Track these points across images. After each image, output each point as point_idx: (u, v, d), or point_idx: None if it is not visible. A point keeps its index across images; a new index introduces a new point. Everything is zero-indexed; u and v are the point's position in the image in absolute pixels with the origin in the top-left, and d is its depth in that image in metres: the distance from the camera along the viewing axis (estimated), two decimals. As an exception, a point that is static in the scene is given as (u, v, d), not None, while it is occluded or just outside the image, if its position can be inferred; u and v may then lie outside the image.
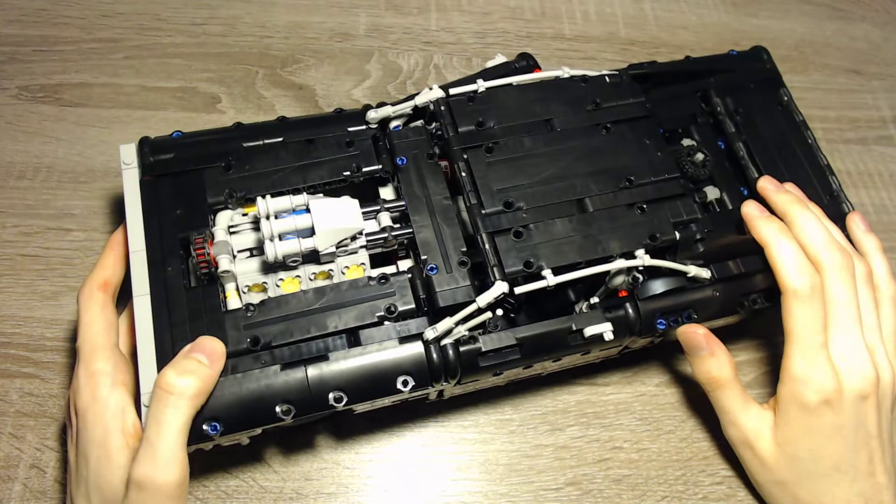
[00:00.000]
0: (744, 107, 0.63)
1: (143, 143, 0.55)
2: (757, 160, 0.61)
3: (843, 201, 0.60)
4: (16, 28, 0.74)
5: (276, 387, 0.47)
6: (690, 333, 0.54)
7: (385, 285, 0.51)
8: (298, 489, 0.56)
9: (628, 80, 0.59)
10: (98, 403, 0.46)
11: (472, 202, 0.52)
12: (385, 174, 0.56)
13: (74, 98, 0.71)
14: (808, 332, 0.50)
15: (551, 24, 0.83)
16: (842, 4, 0.88)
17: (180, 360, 0.46)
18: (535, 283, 0.49)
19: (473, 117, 0.56)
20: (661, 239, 0.52)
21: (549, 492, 0.58)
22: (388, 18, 0.81)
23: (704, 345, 0.54)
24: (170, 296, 0.49)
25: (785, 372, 0.52)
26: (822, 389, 0.50)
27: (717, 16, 0.85)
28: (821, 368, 0.50)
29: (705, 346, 0.54)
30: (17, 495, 0.54)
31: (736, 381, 0.55)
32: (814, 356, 0.50)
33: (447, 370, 0.49)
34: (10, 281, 0.62)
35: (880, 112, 0.81)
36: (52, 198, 0.66)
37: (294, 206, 0.52)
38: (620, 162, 0.55)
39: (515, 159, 0.54)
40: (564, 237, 0.52)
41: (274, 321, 0.49)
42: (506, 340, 0.50)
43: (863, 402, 0.51)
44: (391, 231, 0.53)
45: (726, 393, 0.55)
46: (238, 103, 0.73)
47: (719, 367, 0.54)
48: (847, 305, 0.51)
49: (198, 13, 0.78)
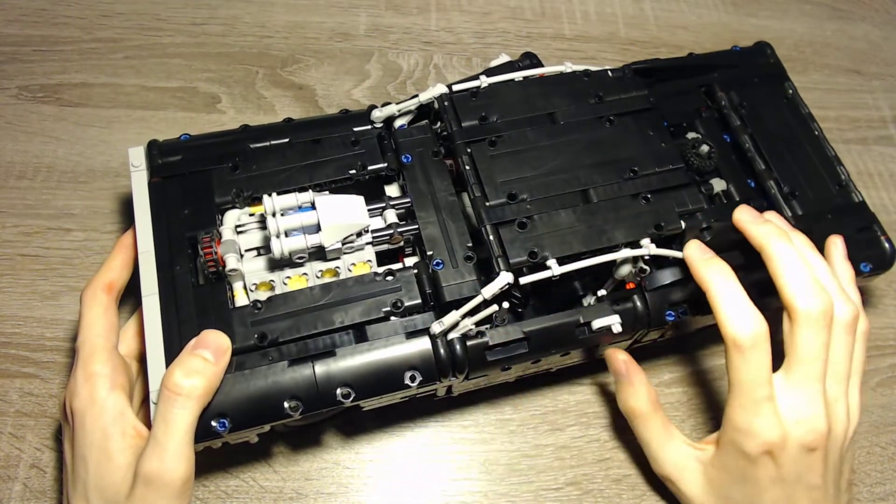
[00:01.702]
0: (748, 100, 0.63)
1: (151, 145, 0.56)
2: (763, 152, 0.61)
3: (853, 191, 0.60)
4: (16, 28, 0.74)
5: (284, 383, 0.47)
6: (613, 357, 0.54)
7: (391, 281, 0.51)
8: (298, 489, 0.56)
9: (631, 73, 0.60)
10: (96, 406, 0.46)
11: (476, 195, 0.53)
12: (390, 172, 0.56)
13: (74, 98, 0.71)
14: (751, 384, 0.47)
15: (551, 24, 0.83)
16: (842, 4, 0.89)
17: (186, 358, 0.46)
18: (540, 273, 0.49)
19: (477, 112, 0.56)
20: (666, 228, 0.52)
21: (549, 492, 0.57)
22: (388, 18, 0.81)
23: (624, 371, 0.53)
24: (178, 294, 0.49)
25: (727, 421, 0.48)
26: (764, 441, 0.47)
27: (717, 16, 0.86)
28: (764, 420, 0.47)
29: (624, 373, 0.53)
30: (17, 495, 0.54)
31: (655, 412, 0.53)
32: (756, 408, 0.47)
33: (454, 365, 0.49)
34: (10, 281, 0.62)
35: (880, 112, 0.81)
36: (52, 198, 0.66)
37: (300, 204, 0.52)
38: (624, 153, 0.55)
39: (519, 152, 0.54)
40: (569, 227, 0.51)
41: (281, 317, 0.49)
42: (513, 334, 0.50)
43: (808, 454, 0.47)
44: (397, 227, 0.53)
45: (645, 424, 0.53)
46: (238, 103, 0.73)
47: (637, 397, 0.53)
48: (812, 361, 0.47)
49: (198, 13, 0.78)
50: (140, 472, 0.43)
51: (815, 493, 0.48)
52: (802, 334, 0.47)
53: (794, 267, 0.48)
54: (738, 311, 0.47)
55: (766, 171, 0.60)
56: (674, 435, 0.53)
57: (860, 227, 0.59)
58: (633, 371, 0.53)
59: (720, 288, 0.48)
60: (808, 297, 0.47)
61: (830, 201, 0.59)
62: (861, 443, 0.62)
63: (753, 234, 0.51)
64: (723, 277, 0.49)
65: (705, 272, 0.49)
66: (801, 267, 0.48)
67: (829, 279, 0.50)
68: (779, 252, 0.49)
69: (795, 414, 0.47)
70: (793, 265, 0.48)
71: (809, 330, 0.47)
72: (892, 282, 0.69)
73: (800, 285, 0.48)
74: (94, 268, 0.57)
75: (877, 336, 0.67)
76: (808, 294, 0.47)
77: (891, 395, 0.64)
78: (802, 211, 0.58)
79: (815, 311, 0.47)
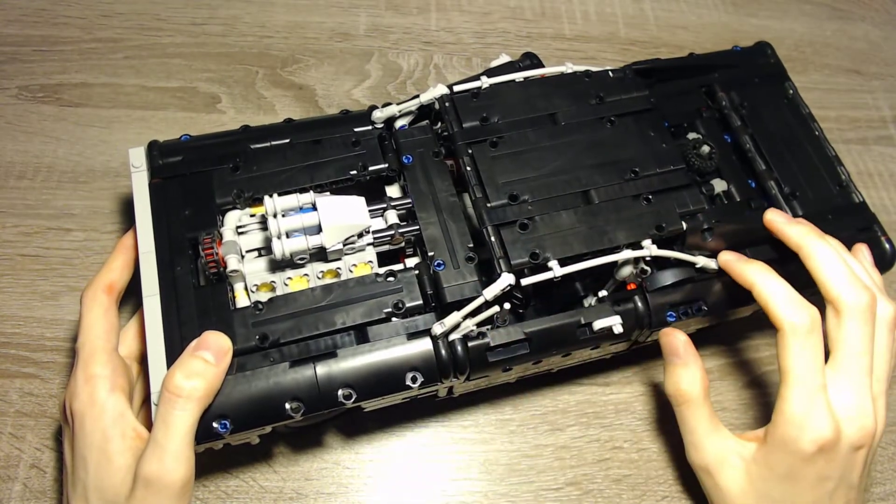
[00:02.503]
0: (749, 101, 0.63)
1: (151, 146, 0.55)
2: (764, 153, 0.61)
3: (853, 191, 0.60)
4: (16, 28, 0.74)
5: (285, 384, 0.47)
6: (671, 336, 0.52)
7: (392, 282, 0.51)
8: (298, 489, 0.56)
9: (631, 74, 0.60)
10: (96, 407, 0.46)
11: (477, 196, 0.52)
12: (391, 173, 0.56)
13: (74, 98, 0.71)
14: (808, 372, 0.47)
15: (551, 24, 0.83)
16: (842, 4, 0.89)
17: (187, 359, 0.46)
18: (542, 275, 0.49)
19: (478, 113, 0.56)
20: (667, 229, 0.52)
21: (549, 492, 0.57)
22: (388, 18, 0.81)
23: (681, 352, 0.52)
24: (179, 295, 0.49)
25: (780, 414, 0.47)
26: (818, 437, 0.46)
27: (717, 16, 0.86)
28: (820, 414, 0.46)
29: (681, 354, 0.52)
30: (17, 495, 0.54)
31: (705, 401, 0.52)
32: (813, 400, 0.46)
33: (456, 365, 0.49)
34: (10, 281, 0.62)
35: (880, 112, 0.81)
36: (52, 198, 0.66)
37: (301, 204, 0.52)
38: (625, 154, 0.55)
39: (520, 153, 0.54)
40: (570, 228, 0.51)
41: (282, 318, 0.49)
42: (514, 335, 0.50)
43: (855, 452, 0.47)
44: (398, 228, 0.52)
45: (693, 411, 0.52)
46: (238, 103, 0.73)
47: (690, 381, 0.51)
48: (861, 355, 0.47)
49: (198, 13, 0.78)
50: (140, 473, 0.43)
51: (852, 492, 0.49)
52: (851, 328, 0.48)
53: (835, 263, 0.49)
54: (791, 300, 0.48)
55: (766, 172, 0.60)
56: (719, 426, 0.52)
57: (860, 227, 0.59)
58: (689, 353, 0.52)
59: (767, 282, 0.49)
60: (855, 290, 0.48)
61: (831, 201, 0.59)
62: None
63: (790, 235, 0.51)
64: (766, 273, 0.50)
65: (748, 272, 0.50)
66: (841, 263, 0.49)
67: (867, 277, 0.51)
68: (818, 250, 0.50)
69: (846, 410, 0.47)
70: (834, 262, 0.49)
71: (857, 323, 0.47)
72: (892, 282, 0.69)
73: (844, 280, 0.48)
74: (94, 268, 0.57)
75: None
76: (853, 288, 0.48)
77: (891, 395, 0.64)
78: (803, 211, 0.58)
79: (862, 304, 0.48)
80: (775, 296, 0.48)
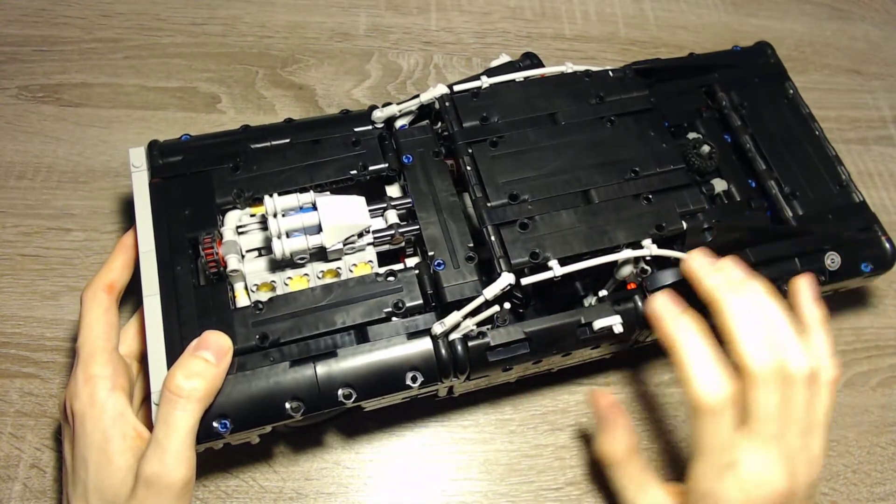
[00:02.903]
0: (749, 100, 0.64)
1: (152, 146, 0.55)
2: (764, 152, 0.61)
3: (853, 191, 0.60)
4: (16, 28, 0.74)
5: (286, 384, 0.47)
6: (595, 400, 0.52)
7: (392, 281, 0.51)
8: (298, 489, 0.56)
9: (632, 74, 0.60)
10: (96, 407, 0.46)
11: (477, 195, 0.53)
12: (391, 172, 0.56)
13: (74, 98, 0.71)
14: (715, 450, 0.45)
15: (551, 24, 0.83)
16: (842, 4, 0.89)
17: (187, 359, 0.46)
18: (542, 274, 0.49)
19: (478, 113, 0.56)
20: (667, 229, 0.52)
21: (549, 492, 0.57)
22: (388, 18, 0.81)
23: (604, 415, 0.51)
24: (179, 295, 0.49)
25: (691, 484, 0.47)
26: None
27: (717, 16, 0.86)
28: (727, 487, 0.45)
29: (605, 418, 0.51)
30: (17, 495, 0.54)
31: (632, 459, 0.51)
32: (720, 475, 0.45)
33: (456, 365, 0.49)
34: (10, 281, 0.62)
35: (880, 112, 0.81)
36: (52, 198, 0.66)
37: (301, 204, 0.52)
38: (625, 154, 0.55)
39: (520, 153, 0.54)
40: (570, 228, 0.51)
41: (282, 318, 0.49)
42: (514, 335, 0.50)
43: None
44: (398, 228, 0.52)
45: (621, 472, 0.51)
46: (238, 103, 0.73)
47: (615, 442, 0.51)
48: (769, 421, 0.45)
49: (198, 13, 0.77)
50: (141, 473, 0.43)
51: None
52: (756, 395, 0.45)
53: (744, 323, 0.46)
54: (705, 372, 0.45)
55: (766, 172, 0.60)
56: (649, 483, 0.50)
57: (861, 227, 0.59)
58: (616, 415, 0.51)
59: (688, 346, 0.46)
60: (759, 356, 0.45)
61: (831, 201, 0.59)
62: (861, 443, 0.62)
63: (702, 290, 0.48)
64: (691, 334, 0.47)
65: (673, 328, 0.47)
66: (752, 323, 0.46)
67: (784, 332, 0.47)
68: (729, 307, 0.47)
69: (756, 476, 0.45)
70: (743, 321, 0.46)
71: (762, 390, 0.45)
72: (892, 282, 0.69)
73: (751, 344, 0.46)
74: (94, 268, 0.57)
75: (877, 336, 0.67)
76: (759, 353, 0.45)
77: (891, 395, 0.64)
78: (803, 211, 0.58)
79: (767, 370, 0.45)
80: (689, 366, 0.46)
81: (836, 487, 0.60)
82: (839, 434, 0.62)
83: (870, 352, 0.66)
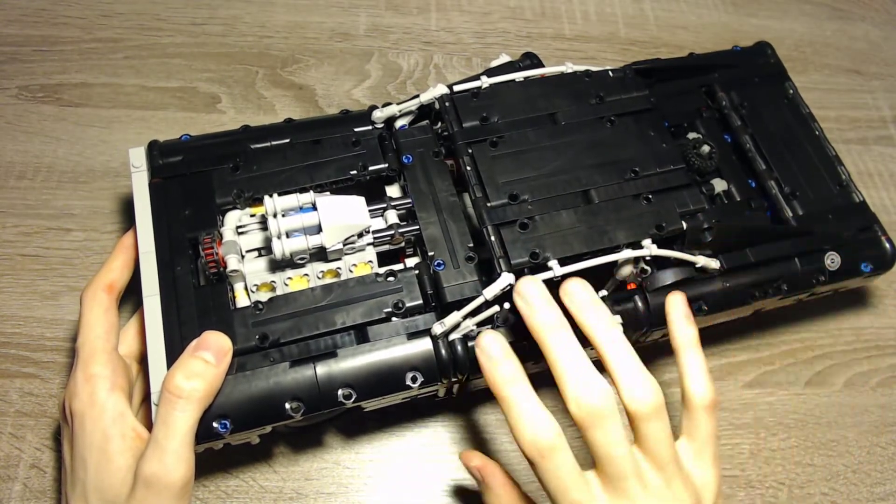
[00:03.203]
0: (749, 100, 0.63)
1: (151, 146, 0.55)
2: (764, 152, 0.61)
3: (854, 191, 0.60)
4: (16, 28, 0.74)
5: (286, 384, 0.47)
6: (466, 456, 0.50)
7: (392, 281, 0.51)
8: (298, 489, 0.56)
9: (632, 74, 0.60)
10: (95, 407, 0.46)
11: (477, 195, 0.52)
12: (391, 172, 0.56)
13: (74, 98, 0.71)
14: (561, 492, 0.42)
15: (551, 24, 0.83)
16: (842, 4, 0.89)
17: (187, 359, 0.46)
18: (542, 274, 0.49)
19: (478, 113, 0.56)
20: (667, 229, 0.52)
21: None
22: (388, 18, 0.81)
23: (478, 476, 0.49)
24: (179, 295, 0.49)
25: None
26: None
27: (717, 16, 0.86)
28: None
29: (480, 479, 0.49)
30: (17, 495, 0.54)
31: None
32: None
33: (456, 365, 0.49)
34: (10, 281, 0.62)
35: (880, 112, 0.81)
36: (52, 198, 0.66)
37: (301, 204, 0.52)
38: (625, 154, 0.55)
39: (520, 153, 0.54)
40: (570, 228, 0.51)
41: (282, 318, 0.49)
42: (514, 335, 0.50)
43: None
44: (398, 228, 0.52)
45: None
46: (238, 103, 0.73)
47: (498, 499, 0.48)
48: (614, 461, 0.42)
49: (198, 13, 0.77)
50: (140, 474, 0.43)
51: None
52: (589, 437, 0.42)
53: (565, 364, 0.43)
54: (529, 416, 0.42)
55: (766, 172, 0.60)
56: None
57: (861, 227, 0.59)
58: (488, 474, 0.49)
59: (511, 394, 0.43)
60: (580, 398, 0.42)
61: (831, 201, 0.59)
62: (861, 443, 0.62)
63: (530, 330, 0.45)
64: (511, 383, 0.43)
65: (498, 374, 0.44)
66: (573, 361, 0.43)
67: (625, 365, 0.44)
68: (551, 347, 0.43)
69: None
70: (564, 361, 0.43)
71: (593, 432, 0.42)
72: (892, 282, 0.69)
73: (571, 384, 0.42)
74: (94, 268, 0.57)
75: (877, 336, 0.67)
76: (579, 395, 0.42)
77: (891, 395, 0.64)
78: (803, 211, 0.58)
79: (586, 412, 0.41)
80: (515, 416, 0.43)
81: (836, 487, 0.60)
82: (839, 434, 0.62)
83: (870, 352, 0.66)
